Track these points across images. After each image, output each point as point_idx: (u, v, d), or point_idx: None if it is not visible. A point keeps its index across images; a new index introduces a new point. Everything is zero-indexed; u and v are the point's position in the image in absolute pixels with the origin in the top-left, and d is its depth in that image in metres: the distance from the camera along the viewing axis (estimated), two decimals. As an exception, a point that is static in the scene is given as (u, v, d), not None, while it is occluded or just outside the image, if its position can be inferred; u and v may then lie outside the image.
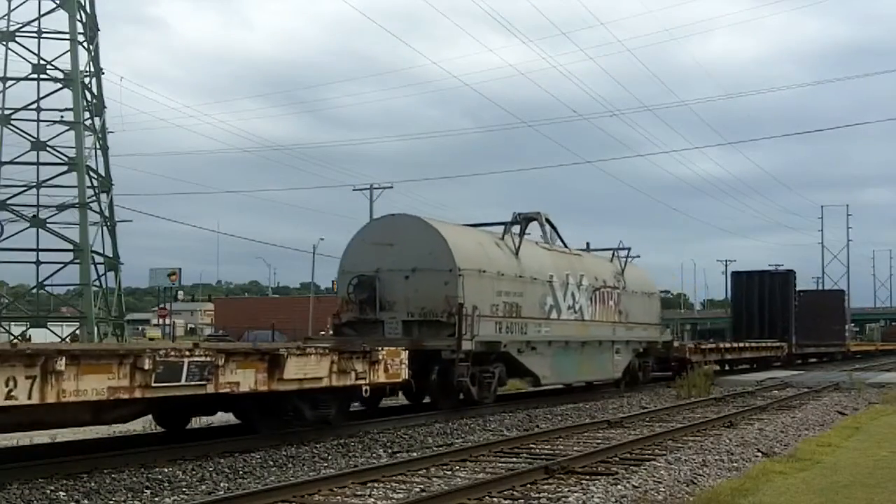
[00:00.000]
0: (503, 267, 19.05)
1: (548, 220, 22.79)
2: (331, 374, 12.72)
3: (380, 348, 13.91)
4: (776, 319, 42.63)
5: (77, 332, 38.23)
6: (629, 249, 25.87)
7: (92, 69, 38.01)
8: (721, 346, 33.96)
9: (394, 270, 17.86)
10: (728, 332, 47.29)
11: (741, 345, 35.70)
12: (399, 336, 17.27)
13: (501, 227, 20.60)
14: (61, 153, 36.04)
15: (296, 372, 12.01)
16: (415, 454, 11.92)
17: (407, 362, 14.42)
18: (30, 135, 36.10)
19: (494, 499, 8.96)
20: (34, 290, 39.35)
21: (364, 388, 13.59)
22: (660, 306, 28.60)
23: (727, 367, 35.08)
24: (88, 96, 37.59)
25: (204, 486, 9.68)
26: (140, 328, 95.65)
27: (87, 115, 37.28)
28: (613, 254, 25.94)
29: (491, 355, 18.17)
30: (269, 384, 11.68)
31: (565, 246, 23.23)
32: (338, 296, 18.68)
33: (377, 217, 19.01)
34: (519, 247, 20.01)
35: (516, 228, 21.21)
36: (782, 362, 40.74)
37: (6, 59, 36.86)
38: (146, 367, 9.85)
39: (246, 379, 11.32)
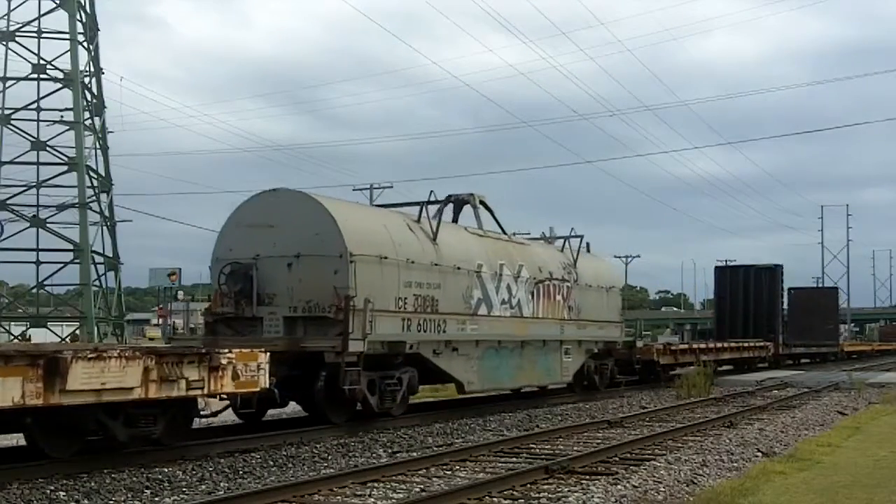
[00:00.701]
0: (415, 253, 16.08)
1: (483, 203, 19.97)
2: (146, 384, 10.10)
3: (226, 350, 11.30)
4: (762, 317, 40.06)
5: (77, 332, 38.23)
6: (582, 237, 22.98)
7: (92, 69, 38.01)
8: (696, 346, 31.17)
9: (274, 257, 14.99)
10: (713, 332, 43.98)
11: (720, 345, 32.79)
12: (280, 335, 14.60)
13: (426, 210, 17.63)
14: (61, 153, 36.02)
15: (88, 381, 9.47)
16: (415, 454, 11.93)
17: (267, 367, 11.75)
18: (30, 135, 36.09)
19: (494, 499, 8.97)
20: (34, 290, 39.37)
21: (202, 401, 11.16)
22: (620, 302, 25.43)
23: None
24: (88, 96, 37.59)
25: (204, 486, 9.69)
26: (142, 328, 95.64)
27: (87, 115, 37.26)
28: (565, 242, 23.00)
29: (396, 358, 15.53)
30: (45, 397, 9.17)
31: (504, 233, 20.34)
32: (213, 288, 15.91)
33: (256, 193, 15.80)
34: (437, 230, 16.97)
35: (447, 211, 18.69)
36: (768, 363, 38.73)
37: (6, 59, 36.84)
38: None
39: (7, 390, 8.82)
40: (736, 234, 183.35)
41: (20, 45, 36.82)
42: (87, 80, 37.57)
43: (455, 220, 19.46)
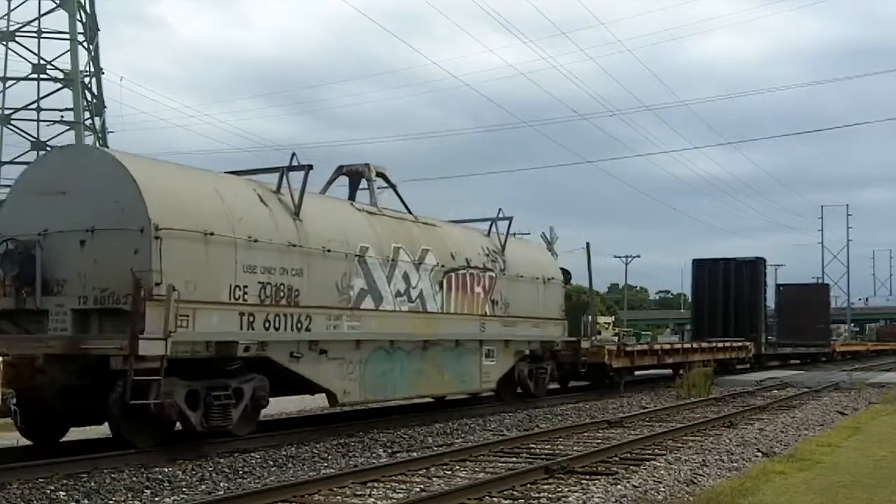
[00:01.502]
0: (263, 230, 12.65)
1: (382, 176, 16.89)
2: None
3: None
4: (743, 315, 36.87)
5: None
6: (511, 219, 19.49)
7: (92, 69, 38.08)
8: (657, 347, 27.99)
9: (65, 232, 11.69)
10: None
11: (688, 345, 29.63)
12: (68, 332, 11.47)
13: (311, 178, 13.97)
14: (61, 153, 36.13)
15: None
16: (415, 454, 11.94)
17: None
18: (30, 135, 36.20)
19: (494, 499, 8.97)
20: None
21: None
22: (563, 297, 22.07)
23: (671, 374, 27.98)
24: (88, 96, 37.66)
25: (204, 486, 9.69)
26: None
27: (87, 115, 37.36)
28: (491, 225, 19.48)
29: (231, 363, 12.12)
30: None
31: (409, 212, 17.14)
32: None
33: (46, 152, 12.93)
34: (300, 202, 13.46)
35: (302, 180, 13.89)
36: (749, 365, 35.33)
37: (6, 59, 37.00)
38: None
39: None
40: (736, 234, 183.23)
41: (20, 45, 36.94)
42: (87, 80, 37.65)
43: (352, 197, 16.60)
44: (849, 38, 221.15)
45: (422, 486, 9.59)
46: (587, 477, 10.08)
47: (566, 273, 37.72)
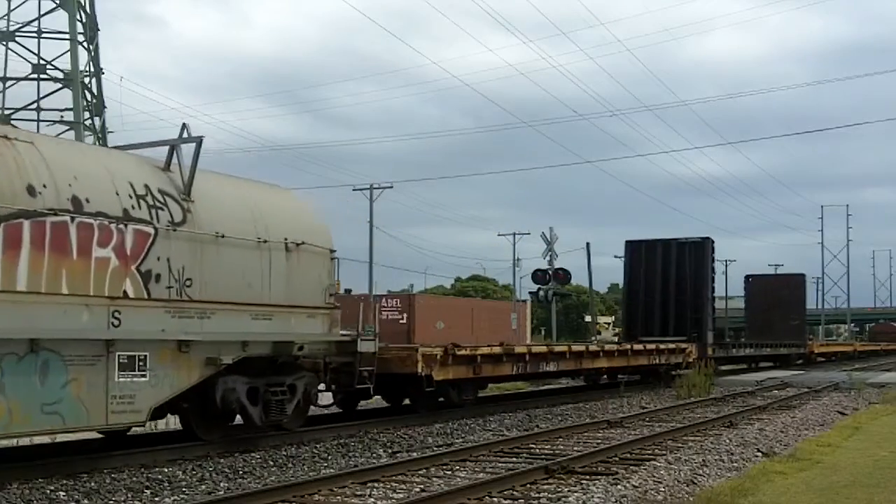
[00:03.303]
0: None
1: None
2: None
3: None
4: (685, 309, 30.01)
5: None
6: (200, 140, 12.14)
7: (92, 69, 38.11)
8: (526, 351, 19.04)
9: None
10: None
11: (583, 348, 22.14)
12: None
13: None
14: (61, 153, 36.14)
15: None
16: (415, 454, 11.94)
17: None
18: (30, 135, 36.20)
19: (494, 499, 8.97)
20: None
21: None
22: (329, 274, 13.99)
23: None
24: (88, 96, 37.67)
25: (204, 486, 9.70)
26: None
27: (87, 115, 37.38)
28: (171, 152, 12.11)
29: None
30: None
31: None
32: None
33: None
34: None
35: None
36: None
37: (6, 59, 37.04)
38: None
39: None
40: (736, 234, 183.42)
41: (20, 45, 36.95)
42: (87, 80, 37.67)
43: None
44: (850, 38, 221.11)
45: (422, 486, 9.60)
46: (587, 477, 10.09)
47: (566, 273, 35.93)
